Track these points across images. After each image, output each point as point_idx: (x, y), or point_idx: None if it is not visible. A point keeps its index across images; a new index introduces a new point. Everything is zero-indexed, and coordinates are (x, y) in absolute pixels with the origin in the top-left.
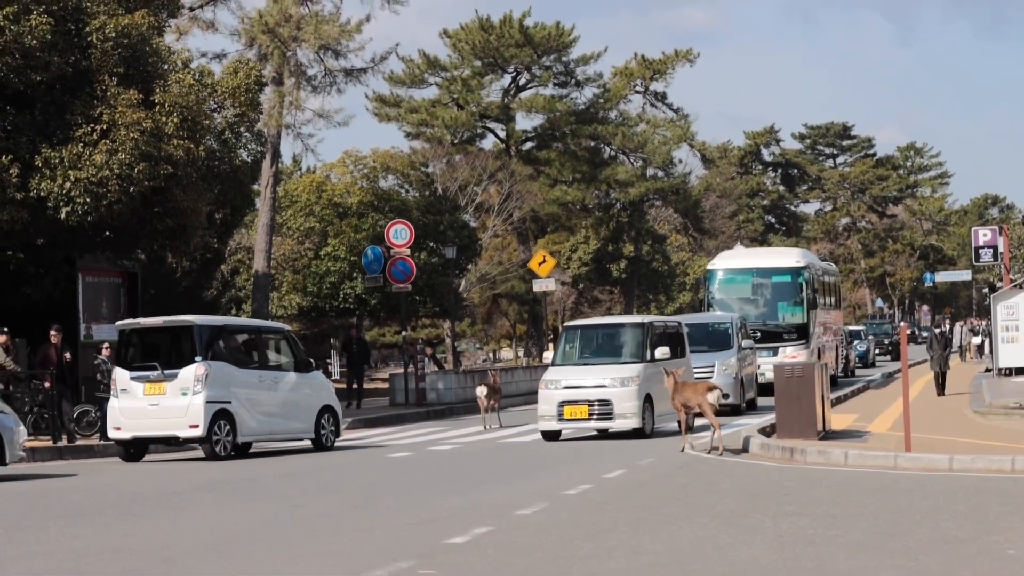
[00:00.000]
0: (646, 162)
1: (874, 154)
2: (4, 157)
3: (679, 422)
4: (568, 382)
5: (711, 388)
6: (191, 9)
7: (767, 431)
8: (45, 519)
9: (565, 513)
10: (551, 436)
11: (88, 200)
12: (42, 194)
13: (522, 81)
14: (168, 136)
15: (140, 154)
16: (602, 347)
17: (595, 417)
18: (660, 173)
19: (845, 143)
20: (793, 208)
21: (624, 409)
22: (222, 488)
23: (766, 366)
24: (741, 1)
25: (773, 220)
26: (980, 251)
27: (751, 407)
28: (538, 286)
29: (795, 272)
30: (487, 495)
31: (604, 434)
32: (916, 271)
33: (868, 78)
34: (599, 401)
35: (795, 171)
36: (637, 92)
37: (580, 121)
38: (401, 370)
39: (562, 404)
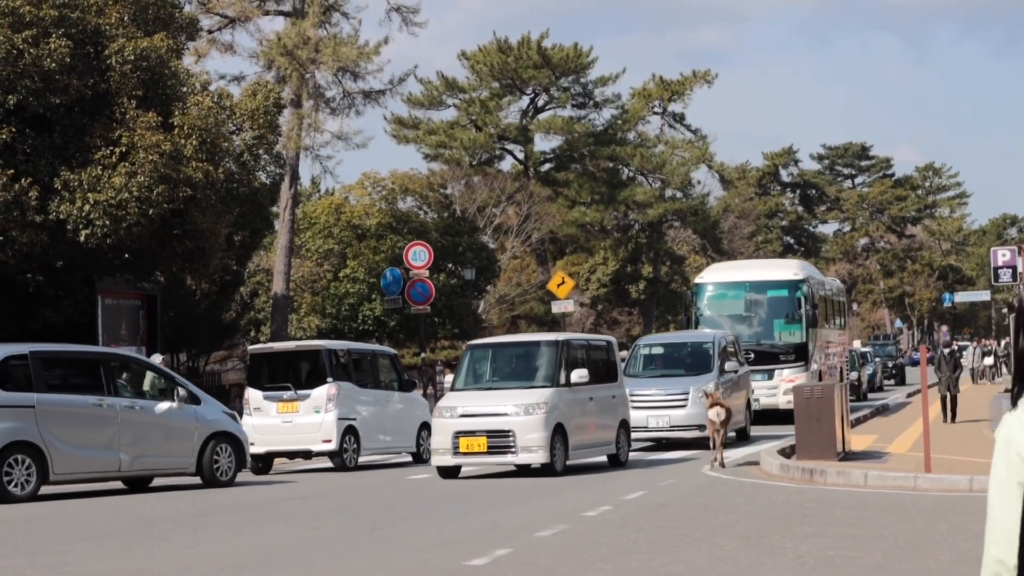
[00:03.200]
0: (664, 183)
1: (892, 174)
2: (24, 180)
3: (712, 443)
4: (465, 409)
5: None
6: (210, 32)
7: (786, 452)
8: (69, 541)
9: (585, 534)
10: (448, 473)
11: (107, 222)
12: (61, 217)
13: (540, 102)
14: (187, 158)
15: (159, 176)
16: (511, 369)
17: (494, 450)
18: (678, 194)
19: (863, 163)
20: (812, 229)
21: (528, 441)
22: (241, 510)
23: (760, 391)
24: (754, 22)
25: (792, 241)
26: (999, 271)
27: (743, 438)
28: (557, 307)
29: (792, 286)
30: (507, 517)
31: (525, 470)
32: (935, 291)
33: (884, 98)
34: (498, 432)
35: (813, 191)
36: (655, 113)
37: (598, 142)
38: (420, 392)
39: (457, 435)
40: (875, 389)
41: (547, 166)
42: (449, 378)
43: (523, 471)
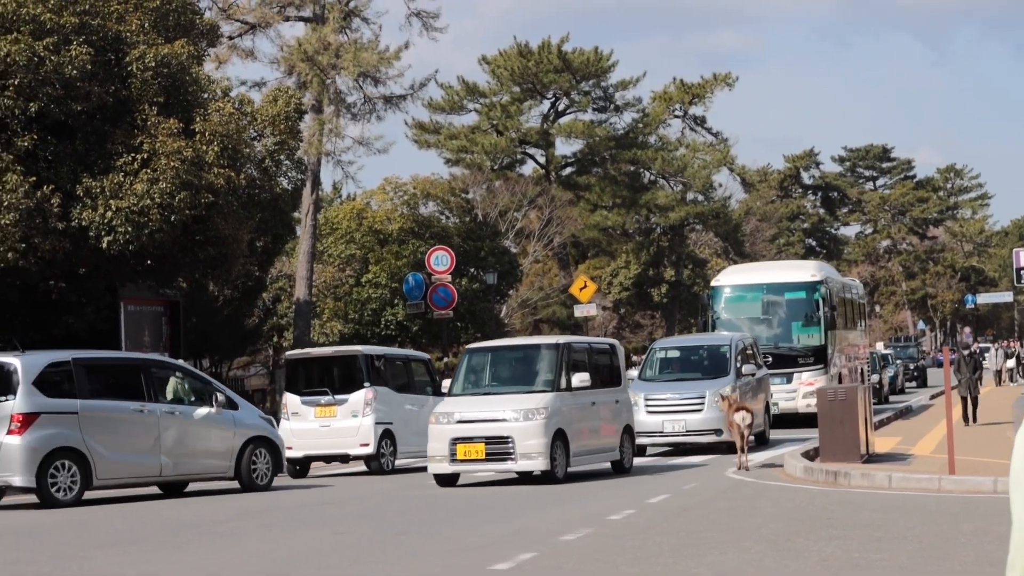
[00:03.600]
0: (686, 186)
1: (914, 176)
2: (46, 187)
3: (738, 446)
4: (463, 415)
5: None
6: (230, 38)
7: (810, 455)
8: (89, 548)
9: (609, 538)
10: (446, 481)
11: (129, 229)
12: (84, 224)
13: (561, 106)
14: (209, 165)
15: (181, 183)
16: (510, 373)
17: (492, 457)
18: (700, 197)
19: (885, 165)
20: (833, 231)
21: (528, 448)
22: (271, 515)
23: (779, 395)
24: (773, 25)
25: (814, 243)
26: (1021, 272)
27: (762, 442)
28: (579, 311)
29: (810, 287)
30: (531, 521)
31: (528, 477)
32: (958, 293)
33: (904, 100)
34: (497, 438)
35: (835, 194)
36: (676, 116)
37: (620, 146)
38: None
39: (455, 442)
40: (897, 391)
41: (568, 170)
42: None
43: (524, 478)
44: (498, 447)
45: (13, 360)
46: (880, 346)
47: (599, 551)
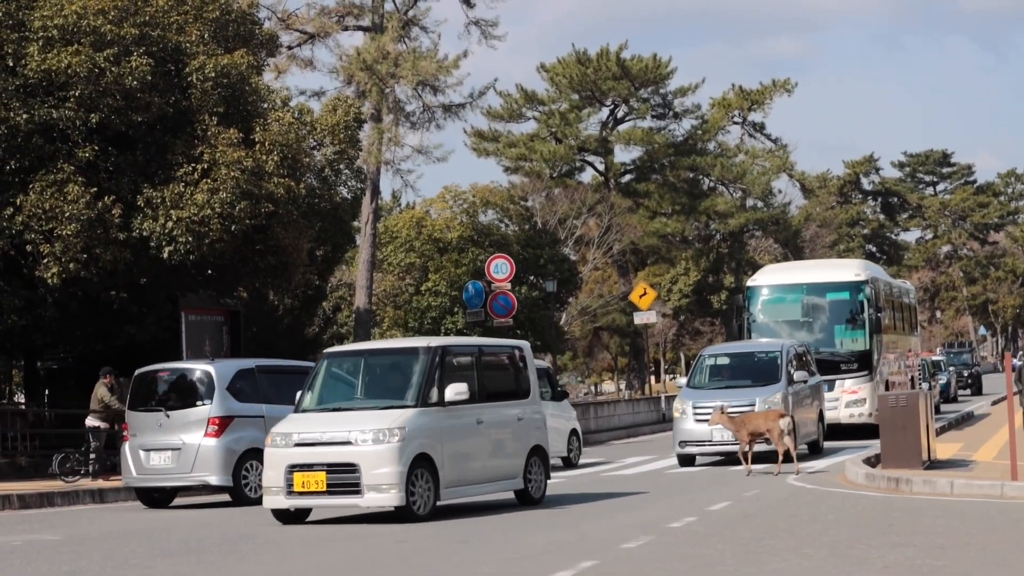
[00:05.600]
0: (745, 193)
1: (974, 181)
2: (107, 198)
3: (742, 454)
4: (302, 436)
5: (782, 415)
6: (289, 48)
7: (871, 461)
8: (152, 556)
9: (670, 546)
10: (285, 517)
11: (190, 239)
12: (144, 234)
13: (620, 114)
14: (269, 174)
15: (241, 193)
16: (372, 385)
17: (335, 489)
18: (759, 204)
19: (944, 170)
20: (893, 237)
21: (377, 478)
22: (326, 524)
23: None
24: (830, 30)
25: (874, 249)
26: None
27: (815, 451)
28: (639, 319)
29: (854, 288)
30: (593, 529)
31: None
32: (1019, 298)
33: (963, 104)
34: (340, 466)
35: (895, 199)
36: (735, 123)
37: (679, 153)
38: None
39: (292, 469)
40: (949, 400)
41: (627, 177)
42: None
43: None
44: (342, 477)
45: (209, 367)
46: (938, 351)
47: (660, 559)
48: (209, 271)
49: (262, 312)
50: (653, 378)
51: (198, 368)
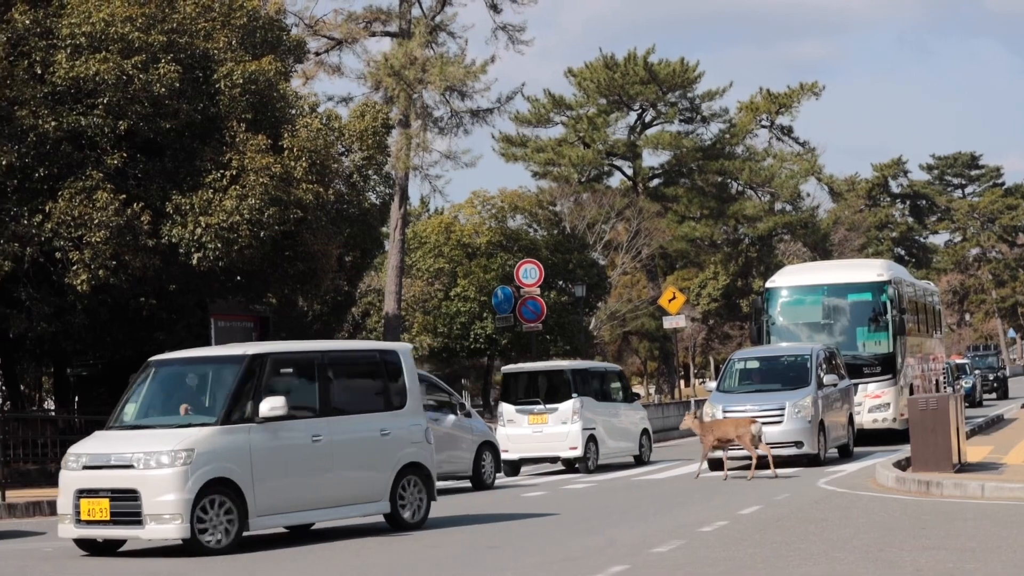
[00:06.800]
0: (774, 196)
1: (1003, 183)
2: (136, 204)
3: (711, 459)
4: (93, 458)
5: (752, 421)
6: (317, 54)
7: (901, 464)
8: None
9: (701, 550)
10: (92, 547)
11: (219, 245)
12: (174, 240)
13: (648, 118)
14: (297, 180)
15: (270, 199)
16: (187, 398)
17: (118, 519)
18: (788, 207)
19: (973, 173)
20: (922, 240)
21: (159, 507)
22: (355, 530)
23: None
24: (857, 33)
25: (903, 252)
26: None
27: (845, 455)
28: (668, 323)
29: (877, 288)
30: (622, 533)
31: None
32: None
33: (991, 107)
34: (122, 492)
35: (923, 202)
36: (763, 126)
37: (707, 157)
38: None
39: (79, 495)
40: (975, 404)
41: (656, 181)
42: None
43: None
44: (123, 504)
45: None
46: (967, 353)
47: (691, 563)
48: (238, 277)
49: (291, 318)
50: (682, 382)
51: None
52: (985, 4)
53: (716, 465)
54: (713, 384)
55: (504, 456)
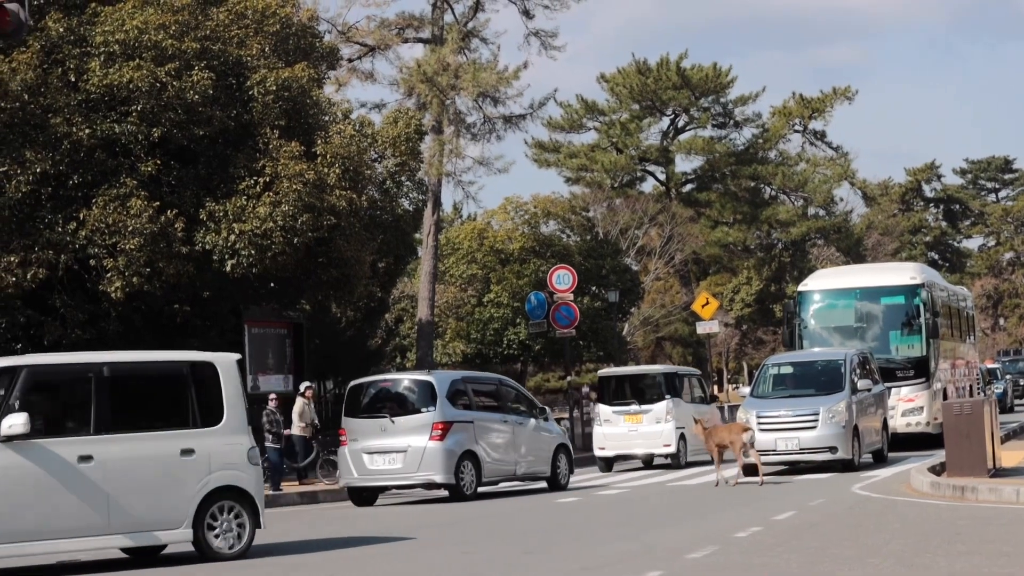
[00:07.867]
0: (807, 201)
1: None
2: (169, 212)
3: (745, 465)
4: None
5: (745, 429)
6: (350, 60)
7: (936, 469)
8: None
9: (736, 556)
10: None
11: (253, 252)
12: (207, 247)
13: (680, 123)
14: (330, 187)
15: (303, 205)
16: None
17: None
18: (821, 212)
19: (1007, 177)
20: (956, 244)
21: None
22: (388, 537)
23: None
24: (889, 37)
25: (936, 256)
26: None
27: (880, 460)
28: (701, 328)
29: (910, 292)
30: (657, 539)
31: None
32: None
33: (1022, 110)
34: None
35: (957, 206)
36: (796, 131)
37: (740, 162)
38: (566, 415)
39: None
40: (1006, 410)
41: (689, 187)
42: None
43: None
44: None
45: (429, 378)
46: (1000, 357)
47: (725, 568)
48: (272, 284)
49: (325, 324)
50: (716, 387)
51: (419, 378)
52: (1016, 6)
53: (751, 471)
54: (747, 390)
55: (599, 453)
